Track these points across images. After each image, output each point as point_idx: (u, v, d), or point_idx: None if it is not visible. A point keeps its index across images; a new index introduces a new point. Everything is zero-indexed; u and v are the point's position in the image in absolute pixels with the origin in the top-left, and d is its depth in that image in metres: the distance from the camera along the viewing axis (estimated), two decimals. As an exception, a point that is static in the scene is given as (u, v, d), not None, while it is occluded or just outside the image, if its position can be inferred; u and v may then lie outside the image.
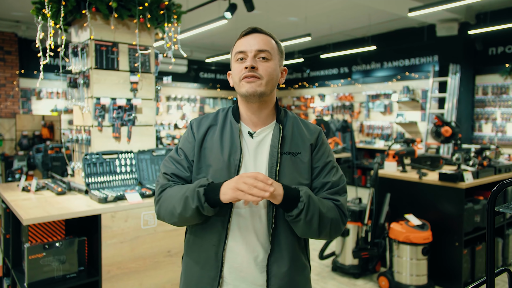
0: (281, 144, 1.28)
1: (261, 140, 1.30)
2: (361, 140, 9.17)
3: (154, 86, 3.10)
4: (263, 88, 1.24)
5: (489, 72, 7.15)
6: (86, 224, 2.46)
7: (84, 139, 2.86)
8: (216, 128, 1.32)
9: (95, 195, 2.47)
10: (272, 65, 1.26)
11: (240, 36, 1.29)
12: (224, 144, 1.28)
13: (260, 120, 1.31)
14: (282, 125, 1.31)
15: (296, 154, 1.28)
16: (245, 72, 1.23)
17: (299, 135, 1.32)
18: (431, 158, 4.02)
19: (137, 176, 2.84)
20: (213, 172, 1.25)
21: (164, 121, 10.31)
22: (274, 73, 1.26)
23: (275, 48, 1.29)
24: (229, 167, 1.24)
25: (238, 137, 1.28)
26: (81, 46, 2.83)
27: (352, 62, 9.56)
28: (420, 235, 3.25)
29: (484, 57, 7.26)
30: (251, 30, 1.28)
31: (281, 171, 1.25)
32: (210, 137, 1.31)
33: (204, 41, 9.37)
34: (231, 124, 1.31)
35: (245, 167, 1.26)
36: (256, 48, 1.23)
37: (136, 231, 2.47)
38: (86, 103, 2.86)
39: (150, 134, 3.05)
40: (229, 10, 5.32)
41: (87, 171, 2.67)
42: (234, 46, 1.30)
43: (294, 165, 1.27)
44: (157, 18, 3.00)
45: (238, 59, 1.26)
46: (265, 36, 1.28)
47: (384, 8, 6.39)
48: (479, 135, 7.30)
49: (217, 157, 1.26)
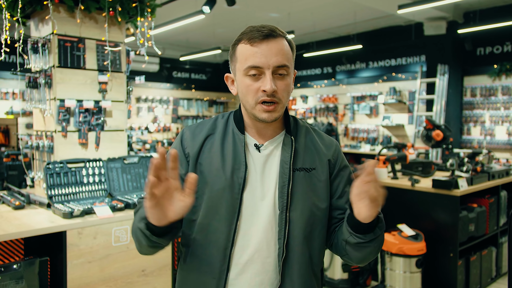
0: (293, 159, 1.19)
1: (269, 154, 1.21)
2: (346, 144, 9.26)
3: (126, 86, 3.04)
4: (280, 112, 1.17)
5: (478, 73, 7.35)
6: (48, 242, 2.36)
7: (46, 145, 2.77)
8: (215, 139, 1.22)
9: (59, 209, 2.39)
10: (289, 81, 1.17)
11: (248, 38, 1.15)
12: (225, 159, 1.18)
13: (268, 131, 1.23)
14: (294, 136, 1.23)
15: (310, 170, 1.20)
16: (263, 96, 1.13)
17: (314, 148, 1.25)
18: (423, 164, 4.05)
19: (107, 187, 2.77)
20: (212, 193, 1.17)
21: (134, 124, 10.12)
22: (290, 89, 1.18)
23: (291, 56, 1.19)
24: (232, 186, 1.16)
25: (243, 150, 1.19)
26: (42, 42, 2.74)
27: (336, 61, 9.67)
28: (414, 246, 3.26)
29: (472, 58, 7.46)
30: (267, 35, 1.13)
31: (293, 191, 1.17)
32: (207, 150, 1.21)
33: (178, 37, 9.30)
34: (234, 135, 1.22)
35: (251, 186, 1.18)
36: (275, 65, 1.12)
37: (106, 249, 2.39)
38: (48, 105, 2.77)
39: (121, 140, 2.97)
40: (207, 4, 5.28)
41: (50, 182, 2.57)
42: (240, 50, 1.16)
43: (308, 183, 1.19)
44: (129, 12, 2.95)
45: (250, 74, 1.14)
46: (282, 41, 1.16)
47: (371, 4, 6.48)
48: (467, 138, 7.48)
49: (217, 175, 1.17)
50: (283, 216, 1.16)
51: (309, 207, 1.18)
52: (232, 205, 1.16)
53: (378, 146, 8.51)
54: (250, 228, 1.16)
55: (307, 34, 9.09)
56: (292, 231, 1.17)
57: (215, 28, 8.42)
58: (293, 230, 1.17)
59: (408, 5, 5.61)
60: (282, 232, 1.15)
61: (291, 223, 1.17)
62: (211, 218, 1.17)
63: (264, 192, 1.18)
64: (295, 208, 1.17)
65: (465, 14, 7.18)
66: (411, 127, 8.13)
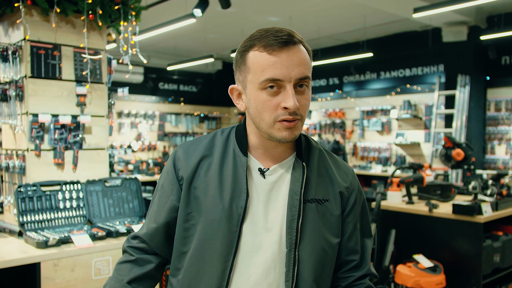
0: (305, 189, 1.17)
1: (275, 181, 1.18)
2: (355, 165, 9.30)
3: (107, 99, 3.07)
4: (300, 130, 1.15)
5: (503, 85, 7.45)
6: (20, 275, 2.36)
7: (16, 166, 2.78)
8: (213, 160, 1.20)
9: (32, 237, 2.39)
10: (309, 95, 1.15)
11: (265, 44, 1.10)
12: (224, 184, 1.16)
13: (277, 152, 1.20)
14: (306, 161, 1.20)
15: (322, 202, 1.19)
16: (284, 115, 1.10)
17: (327, 175, 1.23)
18: (441, 187, 4.11)
19: (86, 212, 2.78)
20: (206, 223, 1.15)
21: (115, 142, 10.15)
22: (310, 103, 1.17)
23: (311, 65, 1.17)
24: (230, 217, 1.14)
25: (245, 175, 1.16)
26: (13, 49, 2.77)
27: (344, 71, 9.77)
28: (432, 279, 3.29)
29: (496, 67, 7.55)
30: (286, 42, 1.10)
31: (304, 226, 1.15)
32: (203, 173, 1.19)
33: (164, 44, 9.39)
34: (235, 156, 1.19)
35: (252, 217, 1.16)
36: (297, 77, 1.10)
37: (85, 283, 2.39)
38: (20, 120, 2.79)
39: (101, 160, 3.00)
40: (199, 7, 5.36)
41: (21, 208, 2.58)
42: (254, 59, 1.12)
43: (321, 217, 1.18)
44: (111, 15, 2.97)
45: (267, 87, 1.10)
46: (302, 48, 1.14)
47: (383, 7, 6.53)
48: (491, 158, 7.53)
49: (214, 203, 1.15)
50: (292, 255, 1.14)
51: (320, 245, 1.17)
52: (229, 239, 1.14)
53: (391, 167, 8.55)
54: (249, 266, 1.15)
55: (310, 40, 9.20)
56: (302, 272, 1.15)
57: (206, 34, 8.48)
58: (302, 272, 1.15)
59: (425, 8, 5.64)
60: (290, 274, 1.13)
61: (301, 263, 1.15)
62: (204, 252, 1.15)
63: (268, 225, 1.16)
64: (305, 246, 1.15)
65: (488, 19, 7.28)
66: (428, 145, 8.18)
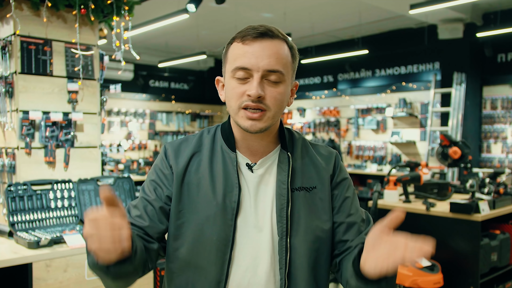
0: (291, 178, 1.22)
1: (263, 174, 1.24)
2: (349, 164, 9.34)
3: (99, 96, 3.07)
4: (268, 123, 1.17)
5: (499, 83, 7.52)
6: (11, 276, 2.35)
7: (6, 165, 2.78)
8: (202, 158, 1.24)
9: (23, 238, 2.39)
10: (283, 90, 1.17)
11: (242, 36, 1.16)
12: (215, 181, 1.20)
13: (261, 147, 1.25)
14: (290, 152, 1.26)
15: (310, 190, 1.24)
16: (247, 101, 1.14)
17: (312, 163, 1.28)
18: (439, 185, 4.13)
19: (78, 212, 2.77)
20: (200, 220, 1.18)
21: (105, 141, 10.11)
22: (284, 99, 1.19)
23: (289, 62, 1.19)
24: (224, 211, 1.18)
25: (235, 170, 1.20)
26: (2, 44, 2.78)
27: (338, 69, 9.81)
28: (430, 278, 3.31)
29: (493, 65, 7.62)
30: (262, 33, 1.15)
31: (293, 214, 1.20)
32: (194, 170, 1.23)
33: (155, 40, 9.36)
34: (223, 153, 1.23)
35: (245, 211, 1.20)
36: (265, 68, 1.13)
37: (78, 284, 2.39)
38: (9, 118, 2.79)
39: (94, 158, 3.00)
40: (193, 2, 5.36)
41: (11, 207, 2.57)
42: (232, 49, 1.19)
43: (309, 204, 1.23)
44: (103, 10, 2.98)
45: (237, 77, 1.15)
46: (279, 43, 1.17)
47: (379, 4, 6.57)
48: (487, 157, 7.60)
49: (207, 199, 1.19)
50: (283, 242, 1.18)
51: (312, 230, 1.20)
52: (225, 233, 1.17)
53: (386, 166, 8.59)
54: (245, 257, 1.18)
55: (304, 37, 9.21)
56: (295, 259, 1.19)
57: (198, 30, 8.47)
58: (295, 258, 1.19)
59: (421, 5, 5.69)
60: (283, 261, 1.17)
61: (293, 250, 1.19)
62: (201, 249, 1.18)
63: (258, 217, 1.20)
64: (296, 233, 1.20)
65: (484, 16, 7.33)
66: (424, 144, 8.23)
